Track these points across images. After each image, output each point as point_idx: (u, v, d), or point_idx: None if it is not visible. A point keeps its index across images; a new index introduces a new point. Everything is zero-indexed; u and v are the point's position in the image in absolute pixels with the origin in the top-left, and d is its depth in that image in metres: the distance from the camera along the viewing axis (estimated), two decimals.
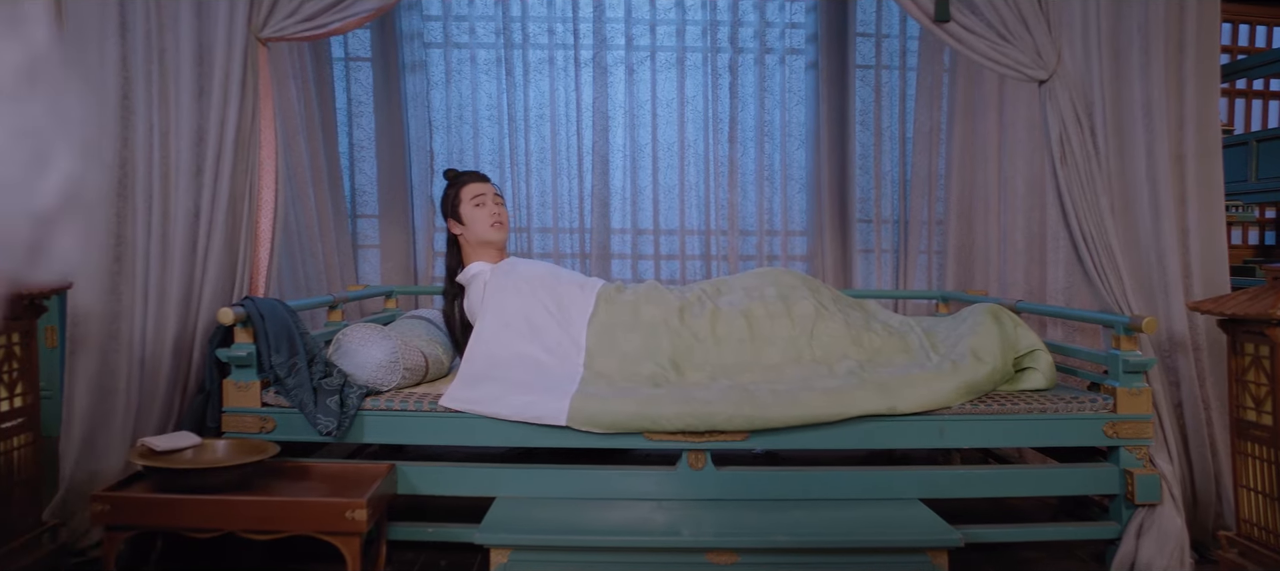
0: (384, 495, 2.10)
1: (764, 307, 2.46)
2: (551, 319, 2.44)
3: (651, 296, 2.51)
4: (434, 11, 3.49)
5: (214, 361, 2.27)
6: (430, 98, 3.51)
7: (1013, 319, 2.42)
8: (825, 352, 2.39)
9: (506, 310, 2.46)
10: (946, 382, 2.21)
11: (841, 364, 2.35)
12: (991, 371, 2.26)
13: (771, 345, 2.39)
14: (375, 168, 3.53)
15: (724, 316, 2.44)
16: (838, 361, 2.37)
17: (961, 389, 2.21)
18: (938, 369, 2.27)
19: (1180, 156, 2.45)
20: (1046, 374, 2.36)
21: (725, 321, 2.43)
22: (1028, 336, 2.39)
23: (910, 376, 2.24)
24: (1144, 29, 2.41)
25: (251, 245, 2.40)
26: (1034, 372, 2.37)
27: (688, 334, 2.41)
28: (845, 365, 2.34)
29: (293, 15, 2.33)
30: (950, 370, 2.25)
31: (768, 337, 2.40)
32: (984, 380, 2.25)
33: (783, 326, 2.42)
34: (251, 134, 2.38)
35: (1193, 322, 2.44)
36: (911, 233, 3.44)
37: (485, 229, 2.65)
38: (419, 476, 2.20)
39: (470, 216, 2.66)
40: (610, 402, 2.13)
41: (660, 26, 3.51)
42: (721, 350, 2.39)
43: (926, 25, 2.39)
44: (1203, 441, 2.40)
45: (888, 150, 3.52)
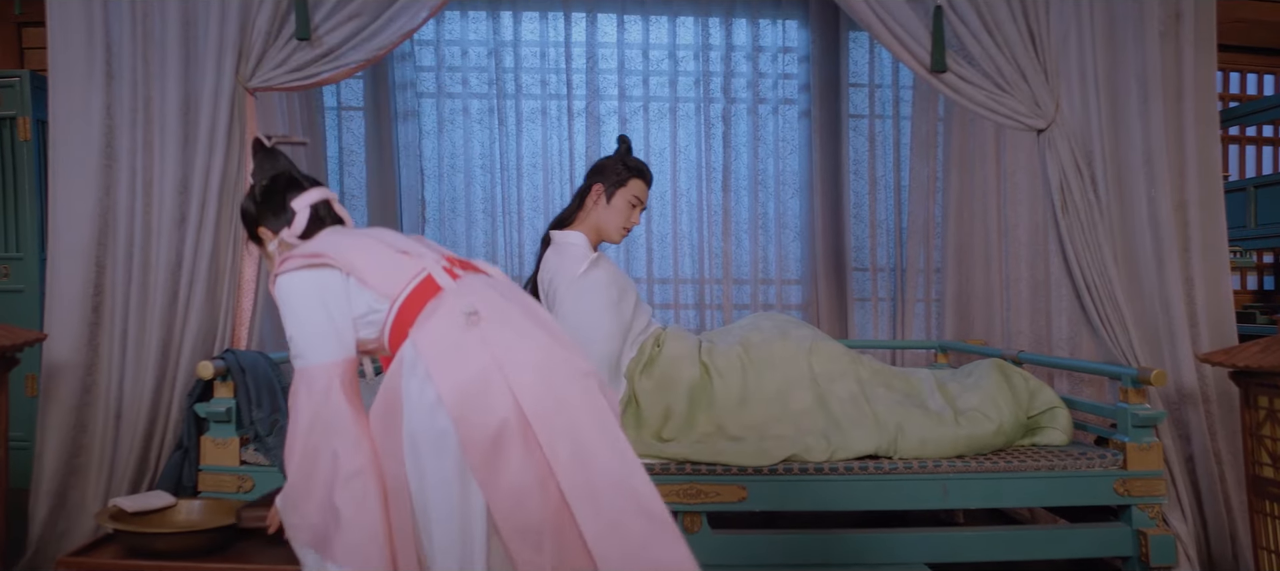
0: None
1: (760, 335, 2.39)
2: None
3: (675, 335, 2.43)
4: (427, 62, 3.48)
5: (192, 417, 2.19)
6: (422, 147, 3.48)
7: (1024, 376, 2.33)
8: (826, 369, 2.28)
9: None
10: (948, 430, 2.14)
11: (840, 385, 2.25)
12: (997, 430, 2.18)
13: (770, 368, 2.29)
14: (366, 216, 3.49)
15: (720, 351, 2.36)
16: (838, 379, 2.27)
17: (962, 442, 2.14)
18: (940, 413, 2.20)
19: (1182, 203, 2.41)
20: (1065, 431, 2.27)
21: (722, 355, 2.34)
22: (1044, 394, 2.30)
23: (911, 413, 2.17)
24: (1141, 77, 2.40)
25: (234, 295, 2.34)
26: (1052, 430, 2.27)
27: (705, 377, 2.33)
28: (845, 386, 2.25)
29: (281, 66, 2.30)
30: (953, 419, 2.18)
31: (766, 360, 2.31)
32: (988, 438, 2.17)
33: (779, 347, 2.33)
34: (237, 183, 2.33)
35: (1201, 373, 2.38)
36: (908, 281, 3.40)
37: (615, 228, 2.41)
38: None
39: (618, 208, 2.39)
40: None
41: (653, 77, 3.51)
42: (726, 382, 2.29)
43: (923, 75, 2.37)
44: (1217, 498, 2.32)
45: (882, 199, 3.50)
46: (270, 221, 1.58)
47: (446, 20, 3.45)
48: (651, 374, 2.26)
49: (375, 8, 2.30)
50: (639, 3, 3.46)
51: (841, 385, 2.25)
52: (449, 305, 1.37)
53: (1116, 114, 2.43)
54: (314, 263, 1.42)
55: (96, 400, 2.28)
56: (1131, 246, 2.42)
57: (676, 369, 2.26)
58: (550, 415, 1.29)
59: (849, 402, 2.21)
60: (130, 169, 2.30)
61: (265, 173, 1.61)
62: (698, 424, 2.22)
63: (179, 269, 2.30)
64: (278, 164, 1.63)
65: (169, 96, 2.29)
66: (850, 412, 2.19)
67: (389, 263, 1.44)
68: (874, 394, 2.24)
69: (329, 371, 1.38)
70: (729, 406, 2.24)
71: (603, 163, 2.45)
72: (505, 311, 1.38)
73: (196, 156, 2.30)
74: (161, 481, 2.20)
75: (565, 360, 1.35)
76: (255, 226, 1.60)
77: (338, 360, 1.40)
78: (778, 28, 3.54)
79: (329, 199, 1.60)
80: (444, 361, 1.31)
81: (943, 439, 2.13)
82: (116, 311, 2.29)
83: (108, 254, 2.30)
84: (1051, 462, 2.15)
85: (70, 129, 2.29)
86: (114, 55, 2.30)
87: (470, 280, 1.44)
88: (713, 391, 2.26)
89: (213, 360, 2.14)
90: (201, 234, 2.30)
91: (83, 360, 2.28)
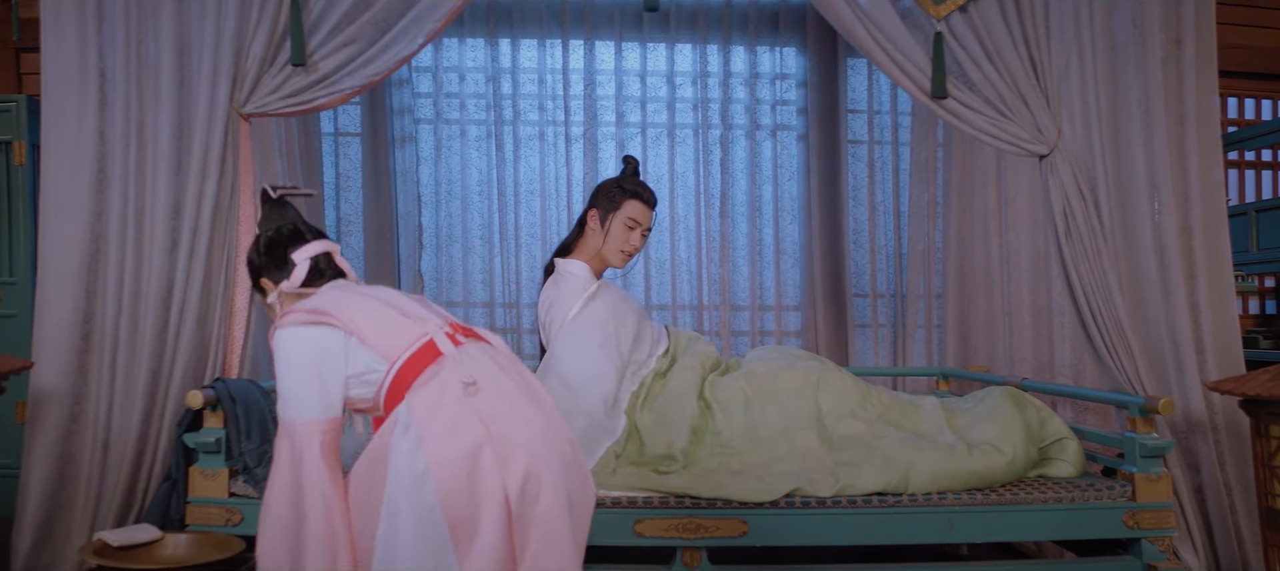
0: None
1: (764, 366, 2.35)
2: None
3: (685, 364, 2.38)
4: (425, 88, 3.48)
5: (181, 447, 2.14)
6: (419, 172, 3.46)
7: (1036, 405, 2.28)
8: (833, 407, 2.24)
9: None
10: (960, 465, 2.09)
11: (847, 424, 2.21)
12: (1011, 462, 2.14)
13: (775, 403, 2.24)
14: (362, 242, 3.46)
15: (722, 384, 2.31)
16: (845, 418, 2.22)
17: (974, 477, 2.09)
18: (952, 447, 2.15)
19: (1187, 229, 2.39)
20: (1075, 463, 2.21)
21: (723, 388, 2.29)
22: (1054, 423, 2.25)
23: (922, 449, 2.12)
24: (1143, 103, 2.38)
25: (226, 323, 2.30)
26: (1061, 462, 2.22)
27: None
28: (852, 427, 2.20)
29: (276, 91, 2.29)
30: (965, 453, 2.13)
31: (770, 394, 2.25)
32: (1001, 471, 2.12)
33: (785, 379, 2.28)
34: (230, 209, 2.31)
35: (1209, 401, 2.34)
36: (909, 307, 3.36)
37: (614, 253, 2.38)
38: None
39: (615, 232, 2.36)
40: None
41: (650, 103, 3.50)
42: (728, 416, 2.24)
43: (923, 101, 2.36)
44: (1227, 531, 2.28)
45: (882, 224, 3.48)
46: (272, 274, 1.61)
47: (444, 46, 3.44)
48: (652, 408, 2.22)
49: (371, 34, 2.28)
50: (637, 29, 3.46)
51: (848, 425, 2.21)
52: (448, 373, 1.38)
53: (1119, 139, 2.41)
54: (316, 320, 1.43)
55: (84, 429, 2.24)
56: (1136, 272, 2.39)
57: (677, 405, 2.22)
58: (531, 504, 1.32)
59: (857, 444, 2.17)
60: (122, 194, 2.28)
61: (271, 224, 1.64)
62: (699, 460, 2.17)
63: (170, 296, 2.27)
64: (284, 215, 1.68)
65: (162, 121, 2.27)
66: (859, 453, 2.14)
67: (392, 324, 1.44)
68: (883, 434, 2.19)
69: (312, 429, 1.40)
70: (732, 442, 2.19)
71: (602, 186, 2.42)
72: (502, 385, 1.40)
73: (189, 182, 2.28)
74: (148, 514, 2.15)
75: (551, 441, 1.38)
76: (258, 277, 1.64)
77: (321, 418, 1.40)
78: (775, 54, 3.54)
79: (330, 252, 1.63)
80: (437, 431, 1.33)
81: (956, 474, 2.08)
82: (106, 338, 2.26)
83: (98, 280, 2.27)
84: (1059, 495, 2.10)
85: (62, 154, 2.27)
86: (108, 80, 2.29)
87: (471, 348, 1.45)
88: (715, 426, 2.22)
89: (202, 389, 2.10)
90: (193, 261, 2.27)
91: (71, 388, 2.24)
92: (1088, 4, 2.38)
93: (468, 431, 1.32)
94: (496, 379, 1.40)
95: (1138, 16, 2.39)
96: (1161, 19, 2.39)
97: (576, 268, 2.39)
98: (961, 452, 2.12)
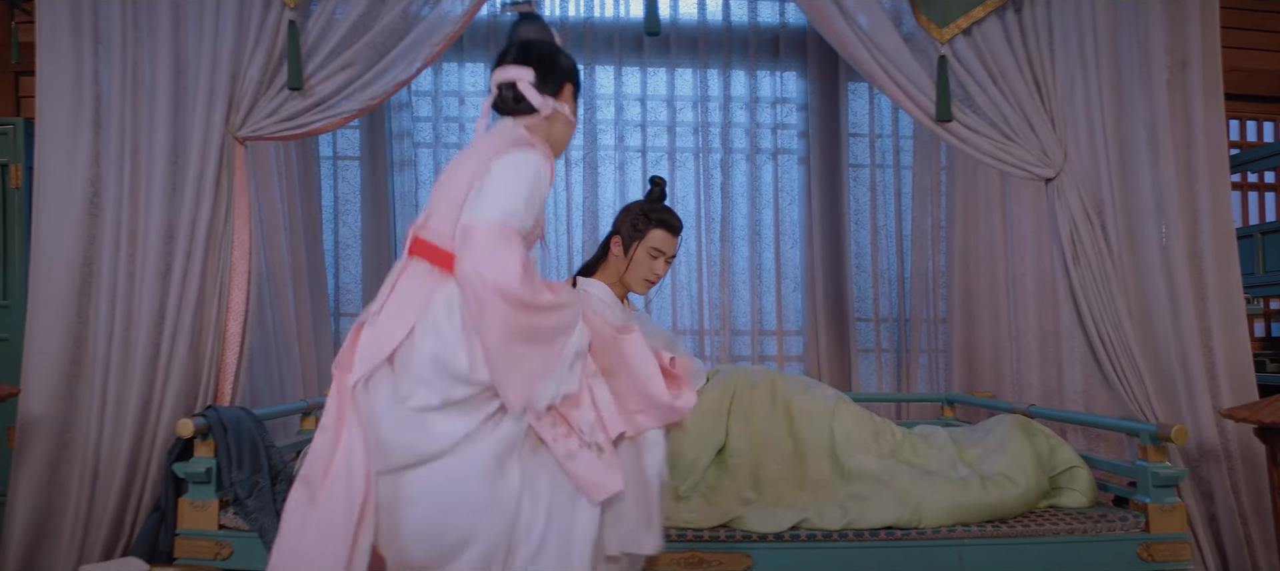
0: None
1: (786, 383, 2.34)
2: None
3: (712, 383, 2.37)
4: (424, 113, 3.46)
5: (171, 477, 2.09)
6: (419, 196, 3.44)
7: (1046, 433, 2.24)
8: (847, 437, 2.21)
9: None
10: (974, 497, 2.04)
11: (861, 459, 2.18)
12: (1024, 494, 2.09)
13: (789, 419, 2.24)
14: (360, 266, 3.42)
15: (743, 393, 2.31)
16: (859, 451, 2.20)
17: (987, 509, 2.04)
18: (965, 481, 2.10)
19: (1196, 252, 2.36)
20: (1086, 492, 2.17)
21: (745, 398, 2.30)
22: (1064, 452, 2.21)
23: (934, 484, 2.08)
24: (1149, 124, 2.36)
25: (218, 349, 2.26)
26: (1071, 492, 2.17)
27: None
28: (865, 461, 2.18)
29: (272, 115, 2.26)
30: (979, 486, 2.08)
31: (787, 403, 2.26)
32: (1014, 503, 2.07)
33: (802, 401, 2.27)
34: (224, 233, 2.28)
35: (1222, 428, 2.29)
36: (913, 331, 3.32)
37: (638, 280, 2.34)
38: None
39: (640, 260, 2.31)
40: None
41: (651, 126, 3.48)
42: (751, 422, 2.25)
43: (928, 125, 2.33)
44: (1243, 562, 2.22)
45: (884, 248, 3.44)
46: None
47: (444, 71, 3.43)
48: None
49: (369, 58, 2.27)
50: (637, 53, 3.45)
51: (862, 460, 2.18)
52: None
53: (1125, 162, 2.38)
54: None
55: (73, 457, 2.20)
56: (1145, 297, 2.35)
57: (700, 423, 2.21)
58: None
59: (870, 478, 2.13)
60: (115, 218, 2.25)
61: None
62: (721, 486, 2.16)
63: (162, 321, 2.23)
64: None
65: (157, 145, 2.25)
66: (871, 487, 2.10)
67: None
68: (896, 471, 2.15)
69: None
70: (748, 455, 2.19)
71: (627, 210, 2.38)
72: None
73: (183, 206, 2.25)
74: (136, 546, 2.10)
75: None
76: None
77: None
78: (776, 78, 3.53)
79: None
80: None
81: (970, 507, 2.04)
82: (97, 364, 2.22)
83: (90, 304, 2.24)
84: (1071, 527, 2.04)
85: (55, 176, 2.25)
86: (103, 103, 2.26)
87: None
88: (733, 440, 2.21)
89: (193, 417, 2.05)
90: (186, 285, 2.24)
91: (60, 414, 2.19)
92: (1092, 25, 2.36)
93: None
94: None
95: (1142, 38, 2.37)
96: (1167, 41, 2.37)
97: (599, 289, 2.35)
98: (975, 485, 2.08)
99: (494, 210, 1.45)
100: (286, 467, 2.13)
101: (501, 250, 1.41)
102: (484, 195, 1.48)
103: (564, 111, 1.68)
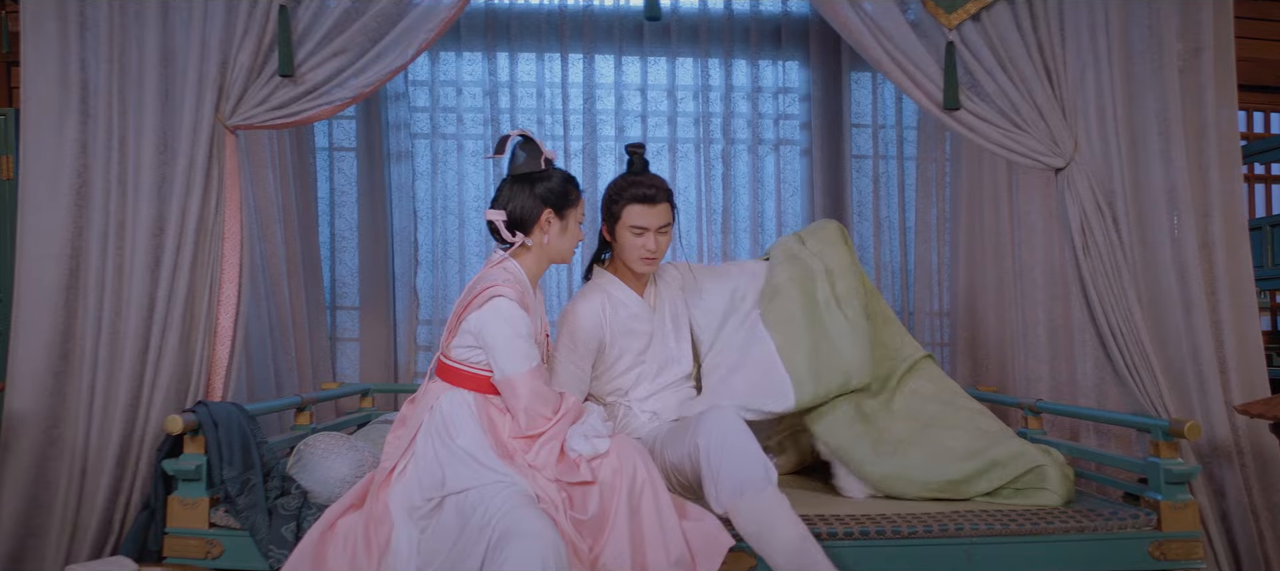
0: None
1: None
2: None
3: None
4: (422, 103, 3.40)
5: (160, 474, 2.05)
6: (415, 188, 3.39)
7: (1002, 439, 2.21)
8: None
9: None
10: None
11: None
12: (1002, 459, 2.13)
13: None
14: (357, 258, 3.38)
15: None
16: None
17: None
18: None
19: (1207, 244, 2.31)
20: (1059, 489, 2.09)
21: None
22: (1026, 458, 2.13)
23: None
24: (1161, 114, 2.30)
25: (210, 343, 2.21)
26: (1042, 492, 2.10)
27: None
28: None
29: (263, 103, 2.21)
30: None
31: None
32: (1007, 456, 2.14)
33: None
34: (215, 225, 2.22)
35: (1235, 423, 2.24)
36: (916, 325, 3.28)
37: (634, 262, 2.23)
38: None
39: (625, 243, 2.21)
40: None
41: (651, 117, 3.43)
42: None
43: (935, 114, 2.28)
44: (1256, 560, 2.18)
45: (887, 241, 3.39)
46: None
47: (441, 60, 3.38)
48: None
49: (362, 44, 2.21)
50: (637, 42, 3.39)
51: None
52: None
53: (1137, 151, 2.33)
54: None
55: (61, 454, 2.15)
56: (1156, 289, 2.30)
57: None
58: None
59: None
60: (103, 209, 2.19)
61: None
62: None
63: (151, 315, 2.18)
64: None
65: (145, 134, 2.19)
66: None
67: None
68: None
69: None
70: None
71: (607, 188, 2.30)
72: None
73: (173, 197, 2.19)
74: (125, 545, 2.05)
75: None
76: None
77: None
78: (778, 68, 3.47)
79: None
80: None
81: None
82: (85, 358, 2.17)
83: (78, 298, 2.19)
84: (1081, 525, 2.00)
85: (42, 167, 2.20)
86: (90, 91, 2.21)
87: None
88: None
89: (183, 413, 2.01)
90: (176, 278, 2.19)
91: (47, 410, 2.14)
92: (1103, 11, 2.31)
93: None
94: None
95: (1154, 24, 2.31)
96: (1179, 27, 2.31)
97: (614, 286, 2.32)
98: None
99: (504, 370, 1.89)
100: (279, 464, 2.09)
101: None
102: (492, 355, 1.91)
103: (543, 237, 2.00)
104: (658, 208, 2.19)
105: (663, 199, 2.20)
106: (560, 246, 2.02)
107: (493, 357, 1.89)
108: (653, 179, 2.22)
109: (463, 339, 1.92)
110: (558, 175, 2.02)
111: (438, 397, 1.92)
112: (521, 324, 1.88)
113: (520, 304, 1.89)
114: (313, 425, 2.60)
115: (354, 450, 2.11)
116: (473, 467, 1.80)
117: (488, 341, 1.88)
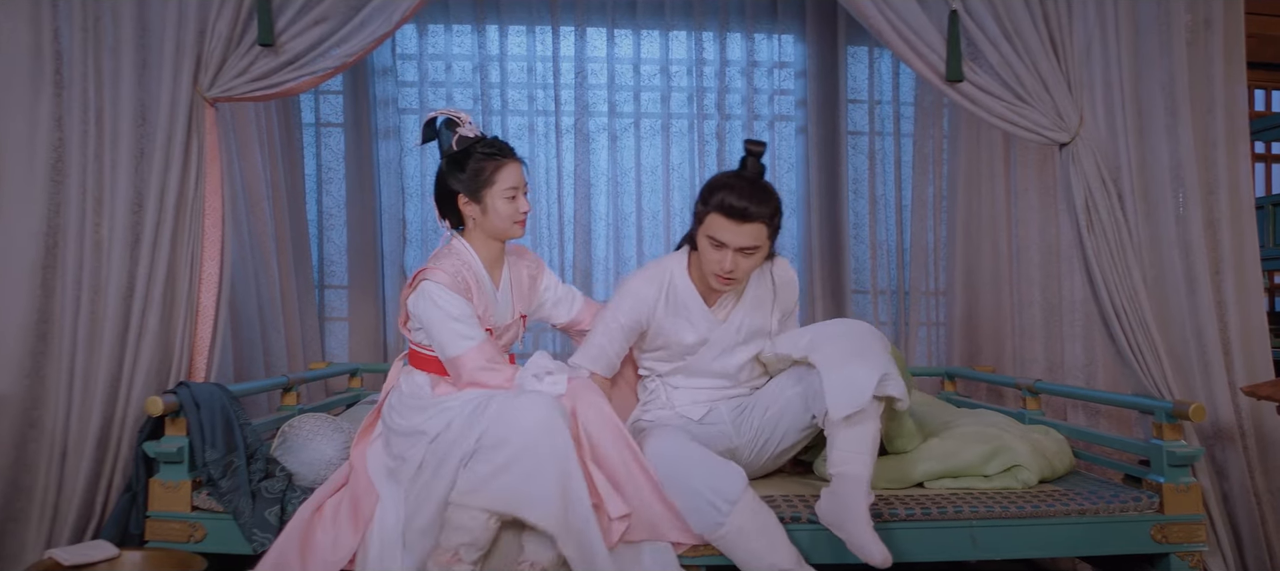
0: None
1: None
2: None
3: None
4: (410, 77, 3.32)
5: (142, 456, 1.99)
6: (404, 164, 3.32)
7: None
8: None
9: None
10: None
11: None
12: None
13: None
14: (345, 236, 3.31)
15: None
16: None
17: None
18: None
19: (1212, 222, 2.26)
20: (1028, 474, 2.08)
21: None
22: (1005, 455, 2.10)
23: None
24: (1168, 88, 2.25)
25: (191, 323, 2.15)
26: (1020, 469, 2.08)
27: None
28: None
29: (243, 74, 2.13)
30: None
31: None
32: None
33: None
34: (195, 201, 2.16)
35: (1238, 404, 2.21)
36: (912, 304, 3.24)
37: (508, 226, 2.00)
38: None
39: (702, 248, 1.95)
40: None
41: (644, 93, 3.36)
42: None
43: (937, 85, 2.22)
44: (1259, 543, 2.15)
45: (883, 219, 3.34)
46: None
47: (430, 33, 3.30)
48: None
49: (344, 12, 2.13)
50: (630, 16, 3.31)
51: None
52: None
53: (1143, 126, 2.28)
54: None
55: (41, 437, 2.09)
56: (1160, 268, 2.26)
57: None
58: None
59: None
60: (80, 185, 2.12)
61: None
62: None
63: (131, 294, 2.12)
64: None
65: (122, 107, 2.12)
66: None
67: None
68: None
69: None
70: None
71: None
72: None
73: (152, 172, 2.12)
74: (107, 528, 2.01)
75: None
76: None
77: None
78: (773, 42, 3.40)
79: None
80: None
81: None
82: (64, 339, 2.10)
83: (55, 277, 2.12)
84: (1083, 507, 1.96)
85: (16, 141, 2.11)
86: (64, 61, 2.13)
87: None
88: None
89: (164, 394, 1.95)
90: (156, 255, 2.12)
91: (26, 392, 2.08)
92: None
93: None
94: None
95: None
96: (1187, 0, 2.25)
97: (682, 283, 2.09)
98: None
99: (445, 351, 1.93)
100: (263, 447, 2.04)
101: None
102: (431, 338, 1.95)
103: (470, 220, 2.01)
104: (747, 227, 1.87)
105: (756, 218, 1.86)
106: (493, 225, 1.99)
107: (432, 340, 1.93)
108: (755, 190, 1.89)
109: (413, 322, 1.99)
110: (471, 157, 1.96)
111: (397, 379, 2.02)
112: (452, 305, 1.88)
113: (455, 284, 1.89)
114: (300, 406, 2.55)
115: (340, 431, 2.06)
116: (437, 410, 1.87)
117: (424, 325, 1.92)
